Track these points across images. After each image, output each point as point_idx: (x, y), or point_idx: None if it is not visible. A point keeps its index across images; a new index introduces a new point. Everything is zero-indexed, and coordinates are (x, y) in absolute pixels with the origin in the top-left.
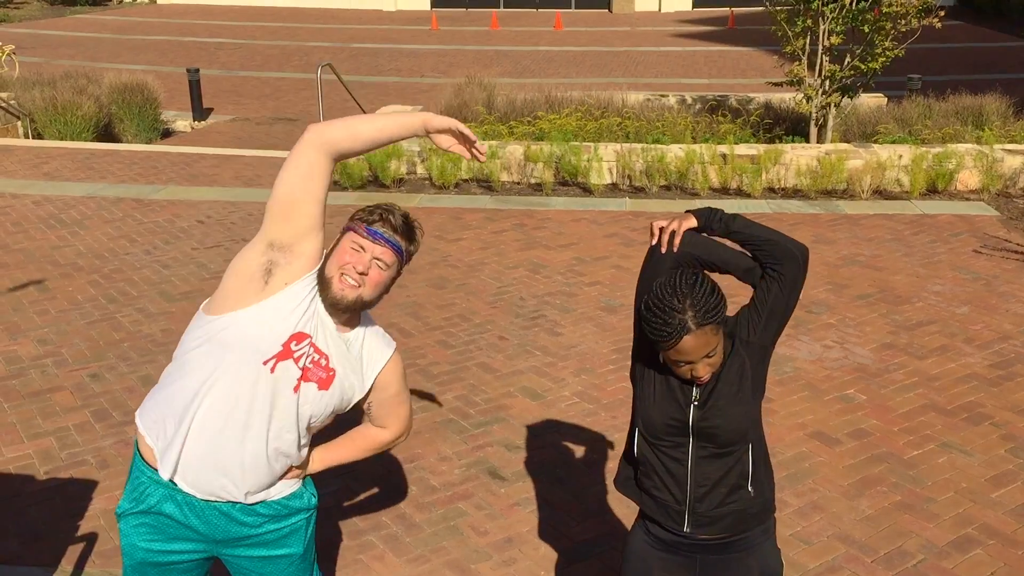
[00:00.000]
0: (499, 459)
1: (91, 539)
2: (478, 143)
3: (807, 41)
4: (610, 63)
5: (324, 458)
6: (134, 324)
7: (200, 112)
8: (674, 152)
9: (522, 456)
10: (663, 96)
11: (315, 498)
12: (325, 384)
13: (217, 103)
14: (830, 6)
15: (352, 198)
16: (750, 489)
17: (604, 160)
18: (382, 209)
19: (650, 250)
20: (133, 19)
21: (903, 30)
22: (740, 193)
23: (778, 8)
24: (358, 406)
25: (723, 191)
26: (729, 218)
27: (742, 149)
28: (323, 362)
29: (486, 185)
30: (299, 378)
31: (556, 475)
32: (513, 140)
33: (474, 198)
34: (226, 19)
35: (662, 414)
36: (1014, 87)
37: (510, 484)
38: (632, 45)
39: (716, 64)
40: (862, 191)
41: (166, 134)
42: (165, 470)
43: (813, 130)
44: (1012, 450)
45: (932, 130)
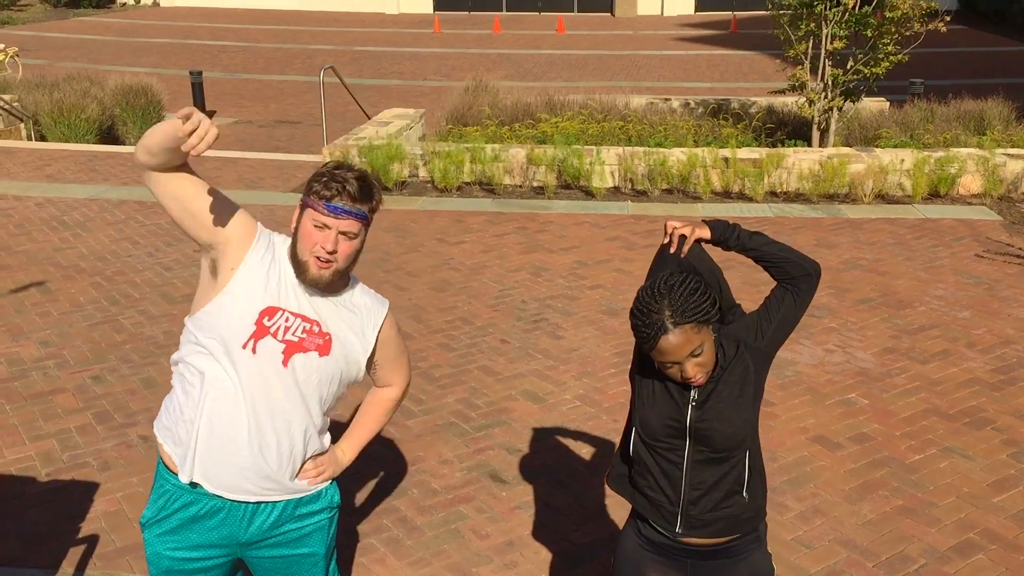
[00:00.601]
0: (500, 462)
1: (92, 541)
2: (196, 138)
3: (810, 45)
4: (612, 66)
5: (351, 444)
6: (136, 326)
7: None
8: (676, 156)
9: (523, 459)
10: (666, 100)
11: (338, 497)
12: (325, 349)
13: (220, 105)
14: (833, 10)
15: None
16: (745, 496)
17: (606, 163)
18: (337, 180)
19: (660, 249)
20: (136, 21)
21: (906, 34)
22: (742, 197)
23: (781, 12)
24: (368, 371)
25: (725, 195)
26: (747, 235)
27: (744, 153)
28: (315, 328)
29: (488, 188)
30: (284, 351)
31: (557, 478)
32: (516, 143)
33: (476, 201)
34: (229, 22)
35: (660, 414)
36: (1016, 92)
37: (511, 487)
38: (634, 49)
39: (718, 68)
40: (864, 195)
41: None
42: (185, 474)
43: (815, 134)
44: (1014, 455)
45: (934, 134)
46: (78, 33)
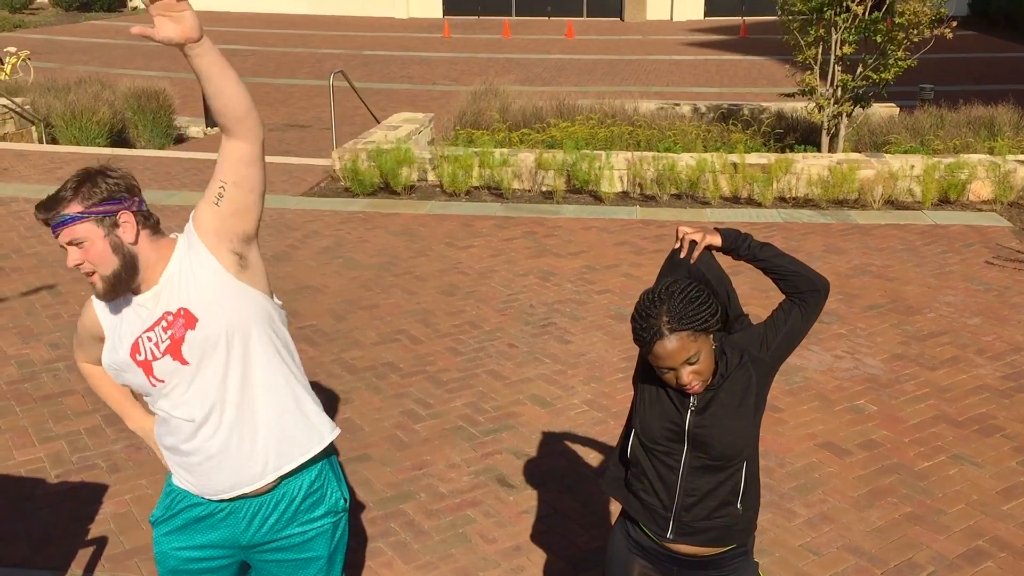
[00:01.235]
0: (508, 467)
1: (101, 543)
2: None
3: (819, 51)
4: (622, 71)
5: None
6: None
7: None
8: (685, 161)
9: (531, 464)
10: (675, 105)
11: (344, 501)
12: (191, 321)
13: None
14: (843, 16)
15: (362, 204)
16: (739, 507)
17: (615, 168)
18: (50, 198)
19: (670, 254)
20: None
21: (915, 40)
22: (751, 202)
23: (790, 17)
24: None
25: (734, 200)
26: (757, 246)
27: (753, 158)
28: (168, 317)
29: (497, 193)
30: (173, 357)
31: (565, 483)
32: (524, 148)
33: (485, 205)
34: (239, 26)
35: (660, 417)
36: None
37: (519, 492)
38: (644, 54)
39: (728, 73)
40: (874, 201)
41: (179, 140)
42: (181, 483)
43: (825, 140)
44: (1023, 462)
45: (944, 140)
46: (90, 37)
